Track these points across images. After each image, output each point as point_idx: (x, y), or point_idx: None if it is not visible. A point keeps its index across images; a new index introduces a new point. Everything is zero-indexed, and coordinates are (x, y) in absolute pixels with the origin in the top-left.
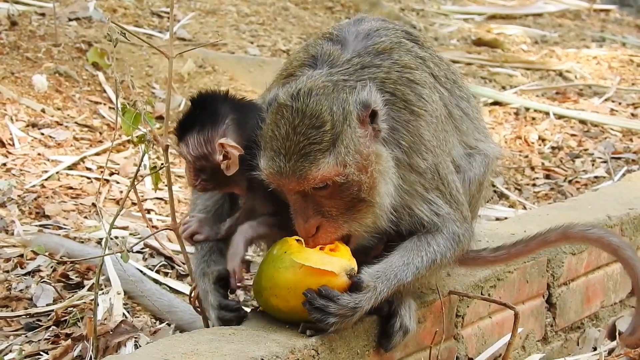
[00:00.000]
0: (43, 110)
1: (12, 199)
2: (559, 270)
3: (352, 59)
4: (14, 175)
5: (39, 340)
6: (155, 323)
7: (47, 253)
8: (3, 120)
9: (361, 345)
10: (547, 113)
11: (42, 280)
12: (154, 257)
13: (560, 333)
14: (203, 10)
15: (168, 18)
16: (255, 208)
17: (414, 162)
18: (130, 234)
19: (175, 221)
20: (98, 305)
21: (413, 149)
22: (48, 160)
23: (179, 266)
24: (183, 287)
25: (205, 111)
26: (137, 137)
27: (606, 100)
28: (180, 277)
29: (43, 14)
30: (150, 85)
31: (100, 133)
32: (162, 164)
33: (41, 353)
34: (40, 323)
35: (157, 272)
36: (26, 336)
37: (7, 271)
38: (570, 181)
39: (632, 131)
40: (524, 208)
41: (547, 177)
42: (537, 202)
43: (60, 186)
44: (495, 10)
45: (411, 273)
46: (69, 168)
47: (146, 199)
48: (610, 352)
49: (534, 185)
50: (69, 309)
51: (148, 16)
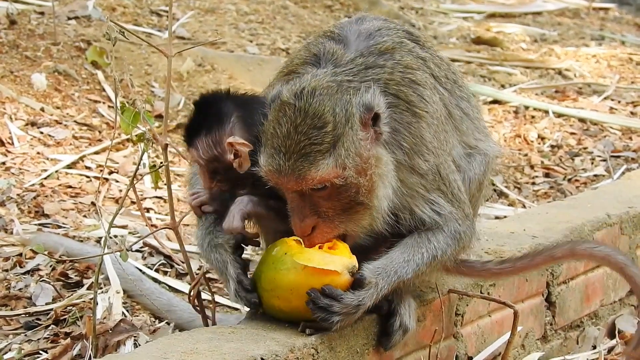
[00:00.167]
0: (42, 109)
1: (12, 198)
2: (559, 268)
3: (356, 59)
4: (13, 174)
5: (38, 339)
6: (154, 322)
7: (47, 252)
8: (2, 119)
9: (361, 343)
10: (547, 111)
11: (42, 279)
12: (153, 256)
13: (559, 332)
14: (202, 8)
15: (167, 17)
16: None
17: (416, 164)
18: (129, 233)
19: (174, 220)
20: (97, 304)
21: (414, 151)
22: (47, 159)
23: (178, 265)
24: (182, 286)
25: (209, 113)
26: (137, 136)
27: (605, 98)
28: (179, 276)
29: (42, 13)
30: (149, 84)
31: (99, 132)
32: (162, 163)
33: (40, 352)
34: (39, 322)
35: (157, 271)
36: (25, 335)
37: (7, 270)
38: (569, 180)
39: (632, 129)
40: (524, 207)
41: (547, 176)
42: (537, 201)
43: (59, 185)
44: (494, 8)
45: (411, 269)
46: (68, 167)
47: (145, 198)
48: (609, 351)
49: (534, 183)
50: (68, 308)
51: (147, 15)
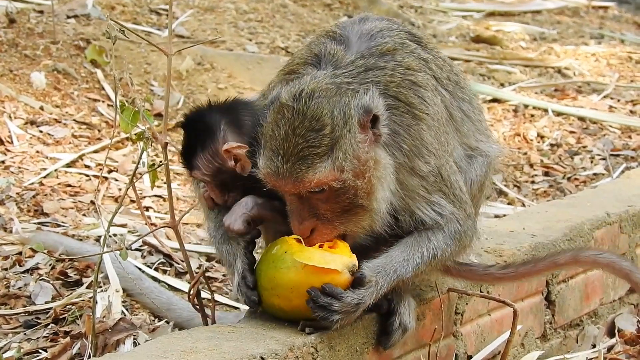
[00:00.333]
0: (41, 107)
1: (11, 197)
2: None
3: (356, 61)
4: (13, 172)
5: (38, 338)
6: (154, 321)
7: (46, 251)
8: (1, 117)
9: (360, 342)
10: (546, 110)
11: (41, 277)
12: (153, 255)
13: (559, 330)
14: (201, 7)
15: (166, 15)
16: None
17: (416, 166)
18: (128, 232)
19: (174, 219)
20: (97, 302)
21: (415, 153)
22: (46, 157)
23: (178, 264)
24: (182, 285)
25: (198, 129)
26: (136, 135)
27: (605, 97)
28: (179, 275)
29: (41, 12)
30: (148, 82)
31: (98, 130)
32: (161, 162)
33: (40, 351)
34: (38, 321)
35: (156, 270)
36: (25, 334)
37: (6, 269)
38: (569, 178)
39: (631, 128)
40: (523, 205)
41: (546, 175)
42: (536, 200)
43: (58, 184)
44: (493, 7)
45: (411, 268)
46: (68, 165)
47: (145, 197)
48: (609, 350)
49: (533, 182)
50: (68, 307)
51: (146, 13)
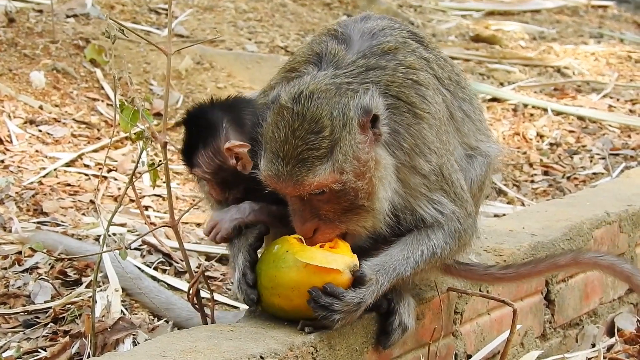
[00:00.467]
0: (41, 107)
1: (10, 196)
2: None
3: (357, 61)
4: (12, 172)
5: (37, 337)
6: (153, 320)
7: (45, 250)
8: (1, 117)
9: (360, 342)
10: (545, 109)
11: (40, 277)
12: (152, 254)
13: (558, 330)
14: (201, 6)
15: (166, 15)
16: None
17: (417, 164)
18: (128, 231)
19: (173, 218)
20: (96, 302)
21: (416, 151)
22: (46, 157)
23: (177, 263)
24: (181, 284)
25: (200, 126)
26: (135, 134)
27: (604, 96)
28: (178, 274)
29: (41, 11)
30: (148, 81)
31: (98, 130)
32: (160, 161)
33: (39, 350)
34: (38, 320)
35: (155, 269)
36: (24, 333)
37: (5, 268)
38: (568, 177)
39: (631, 127)
40: (522, 204)
41: (546, 174)
42: (536, 199)
43: (58, 183)
44: (493, 6)
45: (410, 267)
46: (67, 165)
47: (144, 196)
48: (609, 349)
49: (532, 181)
50: (67, 306)
51: (145, 13)
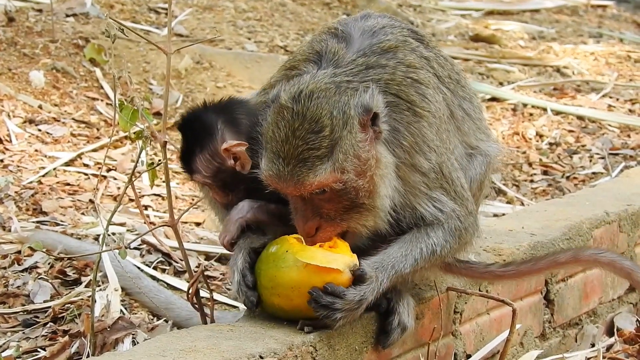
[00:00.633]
0: (40, 106)
1: (10, 196)
2: None
3: (357, 59)
4: (11, 171)
5: (36, 336)
6: (152, 320)
7: (45, 249)
8: (0, 116)
9: (359, 341)
10: (545, 109)
11: (40, 276)
12: (152, 254)
13: (558, 329)
14: (200, 6)
15: (165, 14)
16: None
17: (417, 162)
18: (127, 231)
19: (173, 217)
20: (95, 301)
21: (416, 149)
22: (45, 156)
23: (177, 263)
24: (181, 284)
25: (195, 130)
26: (135, 134)
27: (604, 96)
28: (177, 274)
29: (40, 10)
30: (147, 81)
31: (97, 129)
32: (160, 160)
33: (38, 350)
34: (37, 320)
35: (155, 269)
36: (23, 333)
37: (5, 268)
38: (568, 177)
39: (630, 127)
40: (522, 204)
41: (545, 173)
42: (535, 198)
43: (57, 182)
44: (492, 6)
45: (409, 264)
46: (66, 164)
47: (144, 195)
48: (608, 349)
49: (532, 181)
50: (67, 306)
51: (145, 12)
